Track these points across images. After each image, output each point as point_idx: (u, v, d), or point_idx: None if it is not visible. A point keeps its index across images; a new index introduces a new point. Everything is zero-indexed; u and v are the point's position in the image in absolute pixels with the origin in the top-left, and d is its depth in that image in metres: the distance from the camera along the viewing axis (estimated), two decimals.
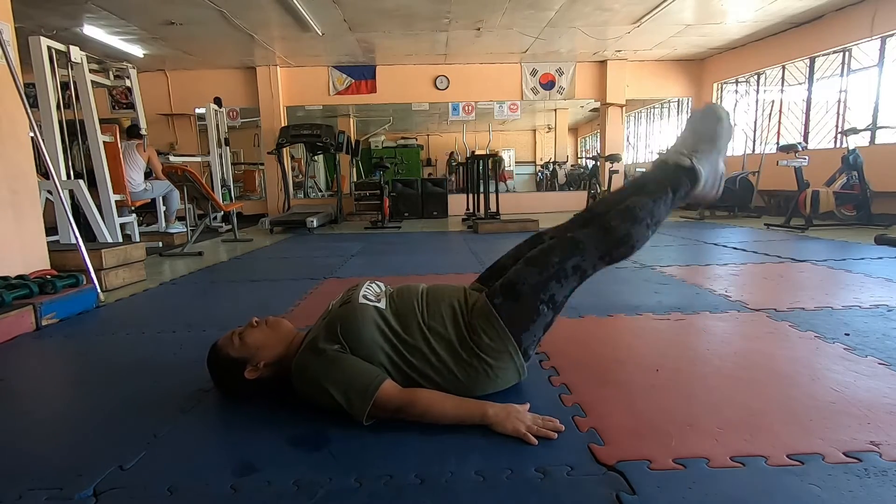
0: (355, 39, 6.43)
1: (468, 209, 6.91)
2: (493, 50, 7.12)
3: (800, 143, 5.18)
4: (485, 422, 1.14)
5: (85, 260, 2.62)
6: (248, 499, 0.93)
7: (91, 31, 5.58)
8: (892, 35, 5.18)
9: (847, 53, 5.74)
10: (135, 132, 5.01)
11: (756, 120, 7.21)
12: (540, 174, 12.42)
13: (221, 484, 0.98)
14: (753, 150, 7.12)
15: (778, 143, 6.54)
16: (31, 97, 3.00)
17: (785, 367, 1.49)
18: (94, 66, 4.37)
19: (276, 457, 1.07)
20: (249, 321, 1.33)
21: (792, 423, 1.14)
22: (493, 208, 6.30)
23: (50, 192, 3.45)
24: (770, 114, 6.91)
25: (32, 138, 2.70)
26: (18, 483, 1.00)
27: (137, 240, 4.46)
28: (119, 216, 4.26)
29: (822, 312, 2.02)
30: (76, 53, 3.79)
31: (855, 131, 4.87)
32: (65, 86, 3.87)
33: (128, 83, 4.72)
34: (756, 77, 7.15)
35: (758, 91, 7.17)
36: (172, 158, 5.95)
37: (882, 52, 5.29)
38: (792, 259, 3.23)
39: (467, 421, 1.15)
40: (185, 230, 5.16)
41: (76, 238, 2.67)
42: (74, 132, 4.01)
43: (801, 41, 6.18)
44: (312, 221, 6.04)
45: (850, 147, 4.82)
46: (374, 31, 6.13)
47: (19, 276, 2.38)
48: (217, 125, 6.60)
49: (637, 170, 9.91)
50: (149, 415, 1.28)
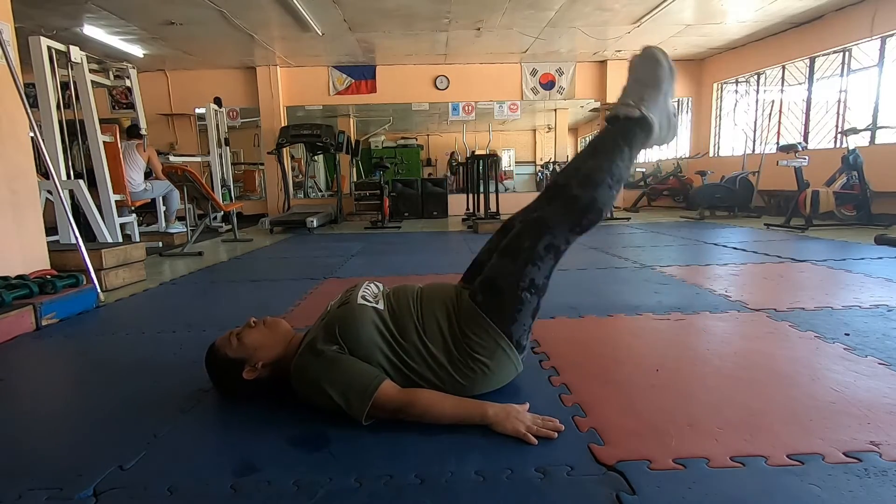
0: (355, 39, 6.43)
1: (468, 209, 6.91)
2: (493, 50, 7.12)
3: (800, 143, 5.18)
4: (484, 422, 1.14)
5: (85, 260, 2.62)
6: (248, 499, 0.93)
7: (91, 31, 5.58)
8: (892, 35, 5.18)
9: (847, 53, 5.73)
10: (135, 132, 5.01)
11: (756, 120, 7.21)
12: (540, 174, 12.42)
13: (221, 484, 0.98)
14: (753, 150, 7.11)
15: (778, 143, 6.54)
16: (31, 97, 3.00)
17: (785, 367, 1.49)
18: (94, 66, 4.37)
19: (276, 457, 1.07)
20: (247, 321, 1.33)
21: (792, 423, 1.14)
22: (494, 208, 6.30)
23: (50, 192, 3.45)
24: (770, 114, 6.91)
25: (32, 138, 2.70)
26: (18, 483, 1.00)
27: (137, 240, 4.46)
28: (119, 216, 4.26)
29: (822, 312, 2.02)
30: (76, 53, 3.79)
31: (855, 131, 4.87)
32: (65, 86, 3.87)
33: (128, 83, 4.72)
34: (756, 77, 7.15)
35: (758, 91, 7.17)
36: (172, 158, 5.95)
37: (882, 52, 5.28)
38: (792, 259, 3.23)
39: (467, 421, 1.15)
40: (185, 230, 5.16)
41: (76, 238, 2.67)
42: (74, 132, 4.01)
43: (801, 41, 6.18)
44: (312, 221, 6.03)
45: (850, 147, 4.82)
46: (374, 31, 6.13)
47: (19, 276, 2.38)
48: (217, 125, 6.60)
49: (637, 170, 9.89)
50: (149, 415, 1.29)
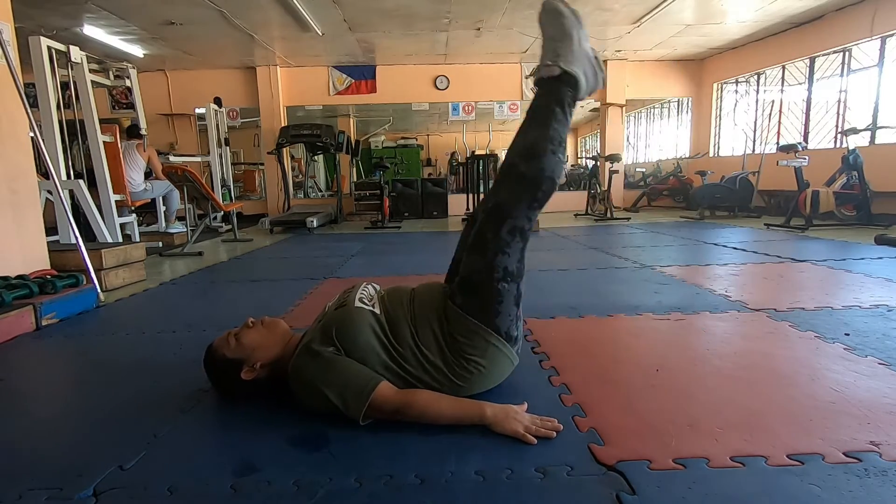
0: (355, 39, 6.43)
1: (468, 209, 6.91)
2: (493, 50, 7.11)
3: (800, 143, 5.18)
4: (483, 422, 1.14)
5: (85, 260, 2.62)
6: (248, 499, 0.93)
7: (91, 31, 5.58)
8: (892, 35, 5.18)
9: (847, 53, 5.73)
10: (135, 132, 5.01)
11: (756, 120, 7.20)
12: None
13: (221, 484, 0.98)
14: (753, 150, 7.11)
15: (778, 143, 6.54)
16: (31, 97, 3.00)
17: (785, 367, 1.48)
18: (94, 66, 4.37)
19: (276, 457, 1.07)
20: (245, 321, 1.33)
21: (792, 423, 1.14)
22: None
23: (50, 192, 3.45)
24: (770, 114, 6.91)
25: (32, 138, 2.70)
26: (18, 483, 1.00)
27: (137, 240, 4.46)
28: (119, 216, 4.26)
29: (822, 312, 2.02)
30: (76, 53, 3.79)
31: (855, 131, 4.87)
32: (65, 86, 3.87)
33: (128, 83, 4.72)
34: (756, 77, 7.15)
35: (758, 91, 7.17)
36: (172, 158, 5.95)
37: (882, 52, 5.28)
38: (792, 259, 3.23)
39: (465, 421, 1.15)
40: (185, 230, 5.16)
41: (76, 238, 2.67)
42: (74, 132, 4.01)
43: (801, 41, 6.18)
44: (312, 221, 6.03)
45: (850, 147, 4.82)
46: (374, 31, 6.13)
47: (19, 276, 2.38)
48: (217, 125, 6.60)
49: (637, 170, 9.90)
50: (149, 415, 1.29)
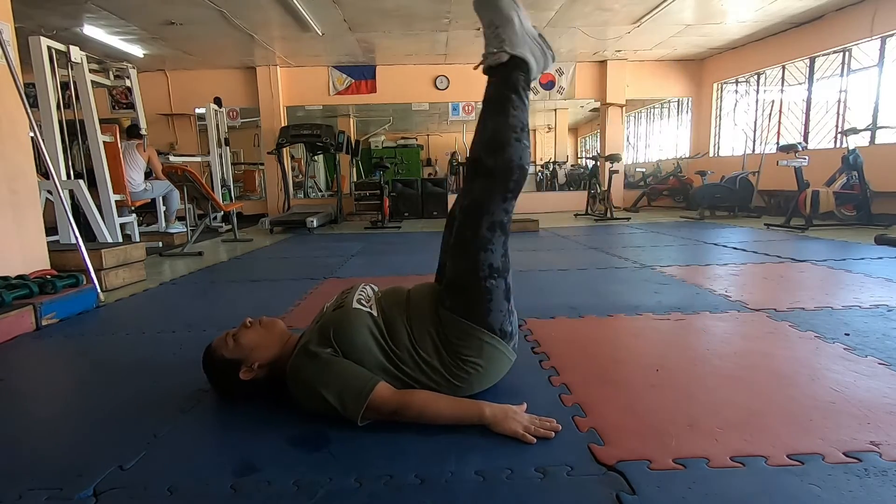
0: (355, 39, 6.43)
1: None
2: None
3: (800, 143, 5.18)
4: (482, 422, 1.14)
5: (85, 260, 2.62)
6: (248, 499, 0.93)
7: (91, 31, 5.58)
8: (892, 35, 5.18)
9: (847, 53, 5.73)
10: (135, 132, 5.01)
11: (756, 120, 7.20)
12: (540, 174, 12.40)
13: (221, 484, 0.98)
14: (753, 150, 7.11)
15: (778, 143, 6.54)
16: (31, 97, 3.00)
17: (785, 367, 1.48)
18: (94, 66, 4.37)
19: (276, 457, 1.07)
20: (243, 321, 1.33)
21: (792, 423, 1.14)
22: None
23: (50, 192, 3.45)
24: (770, 114, 6.91)
25: (32, 138, 2.70)
26: (18, 483, 1.00)
27: (137, 240, 4.46)
28: (119, 216, 4.26)
29: (822, 312, 2.02)
30: (76, 53, 3.79)
31: (855, 131, 4.87)
32: (65, 86, 3.87)
33: (128, 83, 4.72)
34: (756, 77, 7.15)
35: (758, 91, 7.17)
36: (172, 158, 5.95)
37: (882, 52, 5.28)
38: (792, 259, 3.23)
39: (464, 421, 1.15)
40: (185, 230, 5.16)
41: (76, 238, 2.67)
42: (74, 132, 4.01)
43: (801, 41, 6.18)
44: (312, 221, 6.03)
45: (850, 147, 4.82)
46: (374, 31, 6.13)
47: (19, 276, 2.38)
48: (217, 125, 6.60)
49: (637, 170, 9.89)
50: (149, 415, 1.29)
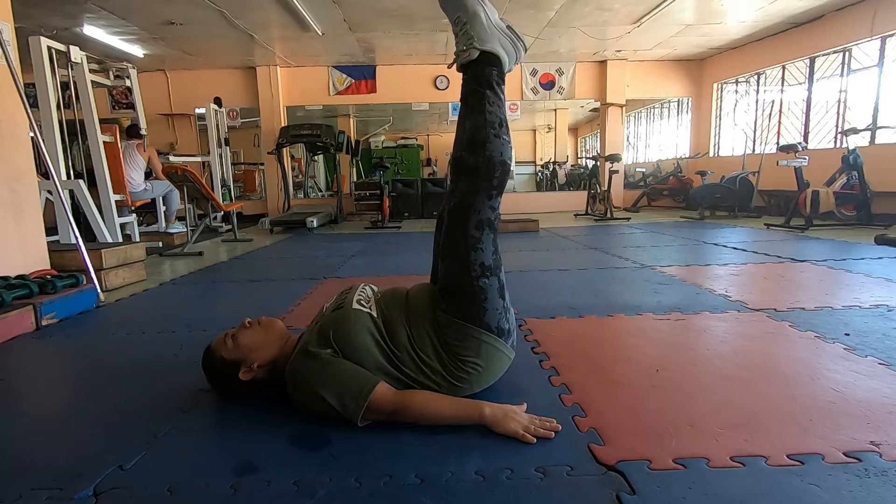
0: (355, 39, 6.43)
1: None
2: None
3: (800, 143, 5.18)
4: (482, 422, 1.14)
5: (85, 260, 2.62)
6: (248, 499, 0.93)
7: (91, 31, 5.58)
8: (892, 35, 5.17)
9: (847, 53, 5.73)
10: (135, 132, 5.01)
11: (756, 120, 7.20)
12: (540, 174, 12.42)
13: (221, 484, 0.98)
14: (753, 150, 7.11)
15: (778, 143, 6.54)
16: (31, 97, 3.00)
17: (785, 367, 1.48)
18: (94, 66, 4.37)
19: (276, 457, 1.07)
20: (242, 322, 1.33)
21: (792, 423, 1.14)
22: None
23: (50, 192, 3.45)
24: (770, 114, 6.91)
25: (32, 138, 2.70)
26: (18, 483, 1.00)
27: (137, 240, 4.46)
28: (119, 216, 4.26)
29: (822, 312, 2.02)
30: (76, 53, 3.79)
31: (855, 131, 4.87)
32: (65, 86, 3.87)
33: (128, 83, 4.72)
34: (756, 77, 7.15)
35: (758, 91, 7.16)
36: (172, 158, 5.95)
37: (882, 52, 5.28)
38: (792, 259, 3.23)
39: (464, 421, 1.15)
40: (185, 230, 5.15)
41: (76, 238, 2.67)
42: (74, 132, 4.01)
43: (801, 41, 6.18)
44: (312, 221, 6.03)
45: (850, 147, 4.82)
46: (374, 31, 6.13)
47: (19, 276, 2.38)
48: (217, 125, 6.60)
49: (637, 170, 9.89)
50: (149, 415, 1.28)
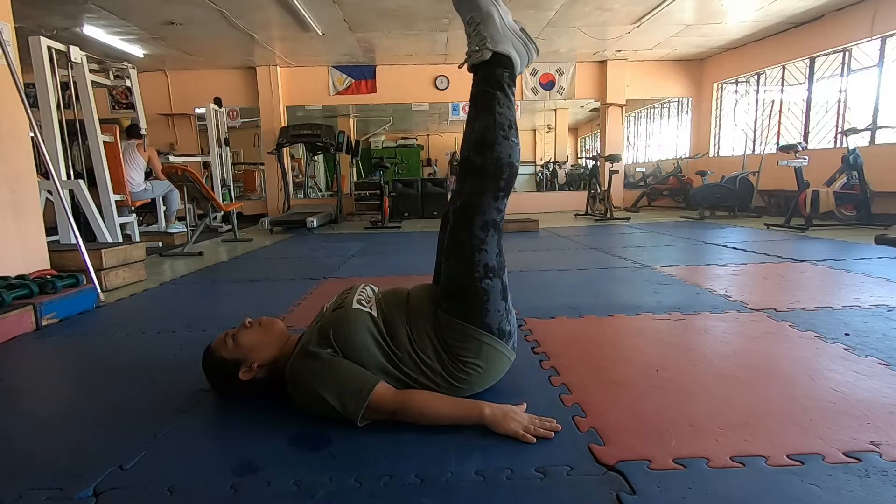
0: (355, 39, 6.43)
1: None
2: None
3: (800, 143, 5.18)
4: (482, 422, 1.14)
5: (85, 260, 2.62)
6: (248, 499, 0.93)
7: (91, 31, 5.58)
8: (892, 35, 5.17)
9: (847, 53, 5.73)
10: (135, 132, 5.02)
11: (756, 120, 7.20)
12: (540, 174, 12.41)
13: (221, 484, 0.98)
14: (753, 150, 7.11)
15: (778, 143, 6.54)
16: (31, 97, 3.00)
17: (785, 367, 1.49)
18: (94, 66, 4.37)
19: (276, 457, 1.07)
20: (242, 322, 1.33)
21: (792, 423, 1.14)
22: None
23: (50, 192, 3.45)
24: (770, 114, 6.91)
25: (32, 138, 2.70)
26: (18, 483, 1.00)
27: (137, 240, 4.46)
28: (119, 216, 4.26)
29: (822, 312, 2.02)
30: (76, 53, 3.79)
31: (855, 131, 4.87)
32: (65, 86, 3.87)
33: (128, 83, 4.72)
34: (756, 77, 7.15)
35: (758, 91, 7.16)
36: (172, 158, 5.95)
37: (882, 52, 5.28)
38: (792, 259, 3.23)
39: (464, 421, 1.15)
40: (185, 230, 5.15)
41: (76, 238, 2.67)
42: (74, 132, 4.01)
43: (801, 41, 6.18)
44: (312, 221, 6.03)
45: (850, 147, 4.82)
46: (374, 31, 6.13)
47: (19, 276, 2.38)
48: (217, 125, 6.60)
49: (637, 170, 9.90)
50: (149, 415, 1.28)
